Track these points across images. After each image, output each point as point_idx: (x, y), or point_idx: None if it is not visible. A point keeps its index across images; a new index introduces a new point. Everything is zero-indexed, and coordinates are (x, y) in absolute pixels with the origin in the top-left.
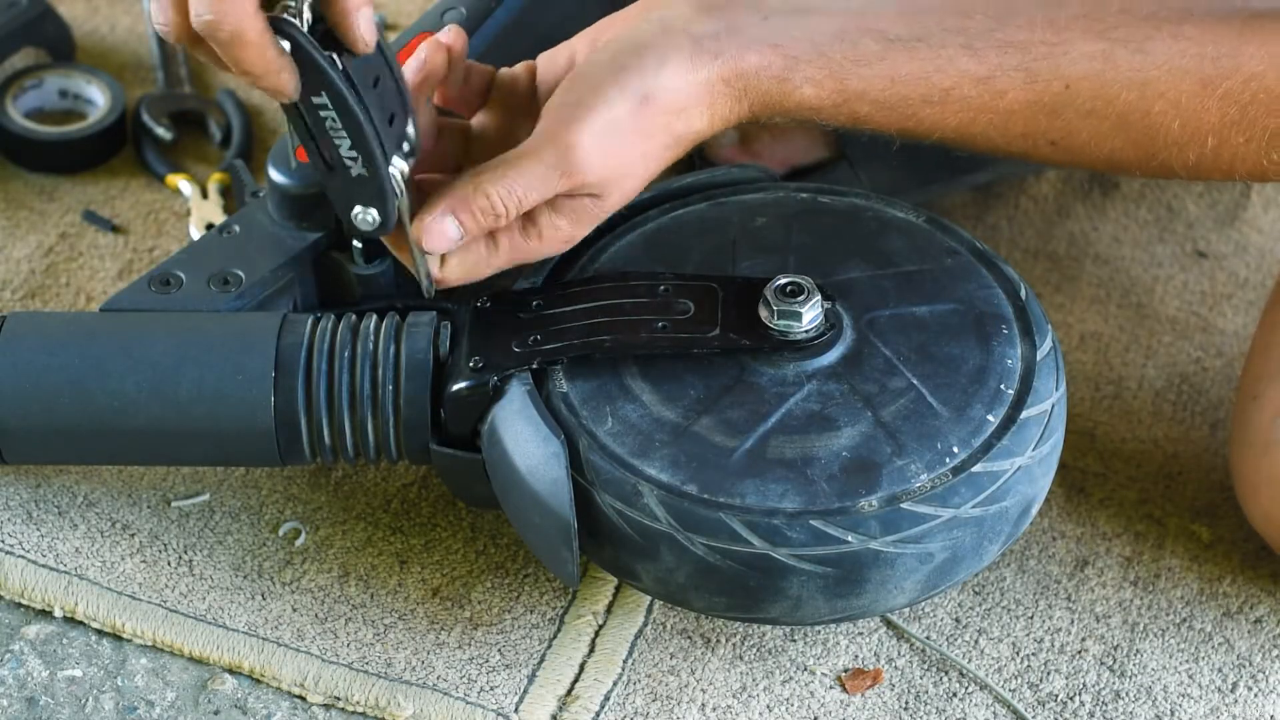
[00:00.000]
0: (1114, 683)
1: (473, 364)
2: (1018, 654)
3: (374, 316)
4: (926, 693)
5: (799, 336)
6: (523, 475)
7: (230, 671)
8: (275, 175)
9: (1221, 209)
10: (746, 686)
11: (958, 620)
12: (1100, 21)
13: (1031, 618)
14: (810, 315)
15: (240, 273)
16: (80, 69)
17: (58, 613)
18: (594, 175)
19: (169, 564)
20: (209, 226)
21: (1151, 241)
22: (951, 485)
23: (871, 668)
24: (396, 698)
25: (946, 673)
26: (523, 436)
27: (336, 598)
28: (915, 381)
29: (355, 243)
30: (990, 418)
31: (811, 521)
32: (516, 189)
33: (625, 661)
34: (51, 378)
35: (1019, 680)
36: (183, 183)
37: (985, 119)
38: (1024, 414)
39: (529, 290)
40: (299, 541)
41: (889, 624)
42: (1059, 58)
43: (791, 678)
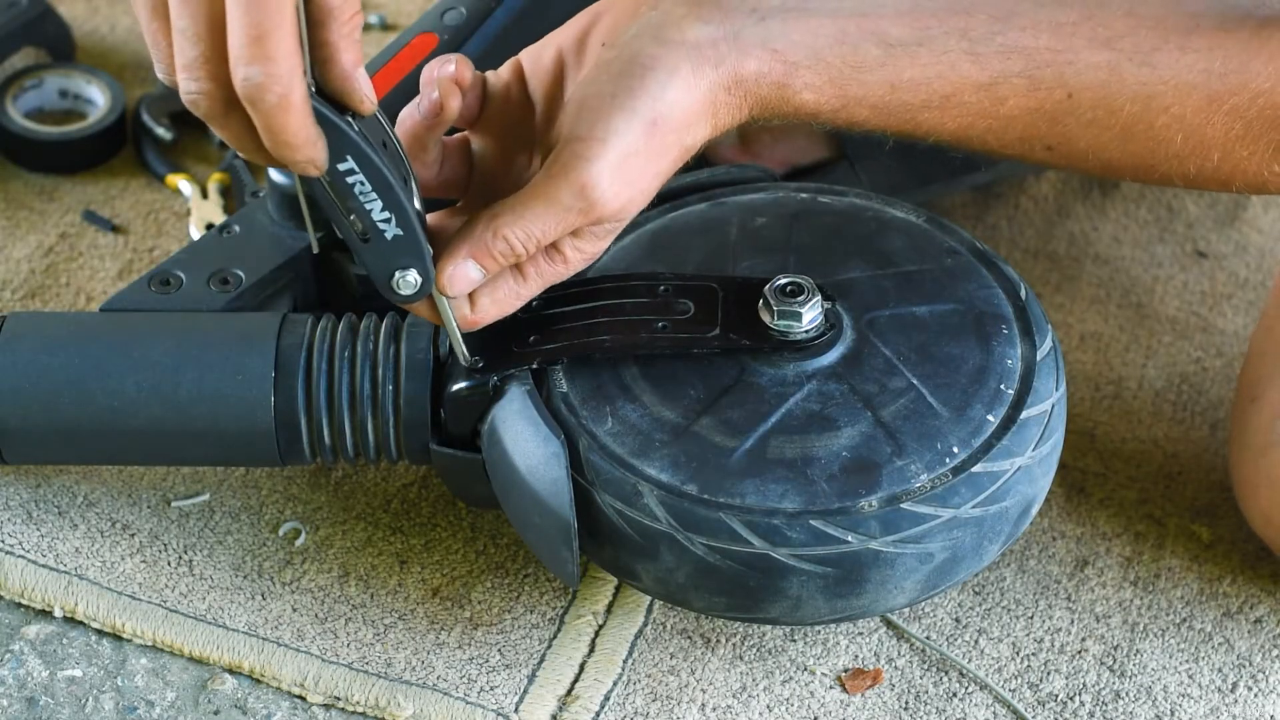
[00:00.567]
0: (1114, 683)
1: (473, 364)
2: (1018, 654)
3: (374, 316)
4: (926, 693)
5: (799, 336)
6: (523, 475)
7: (230, 671)
8: (275, 175)
9: (1221, 209)
10: (746, 686)
11: (958, 620)
12: (1106, 28)
13: (1031, 618)
14: (810, 315)
15: (240, 273)
16: (80, 69)
17: (58, 613)
18: (612, 208)
19: (169, 564)
20: (209, 226)
21: (1151, 241)
22: (951, 485)
23: (871, 668)
24: (396, 698)
25: (946, 673)
26: (523, 436)
27: (336, 598)
28: (915, 381)
29: None
30: (990, 418)
31: (811, 521)
32: (534, 231)
33: (625, 661)
34: (51, 378)
35: (1019, 680)
36: (183, 183)
37: (984, 124)
38: (1024, 414)
39: None
40: (299, 541)
41: (889, 624)
42: (1063, 66)
43: (791, 678)
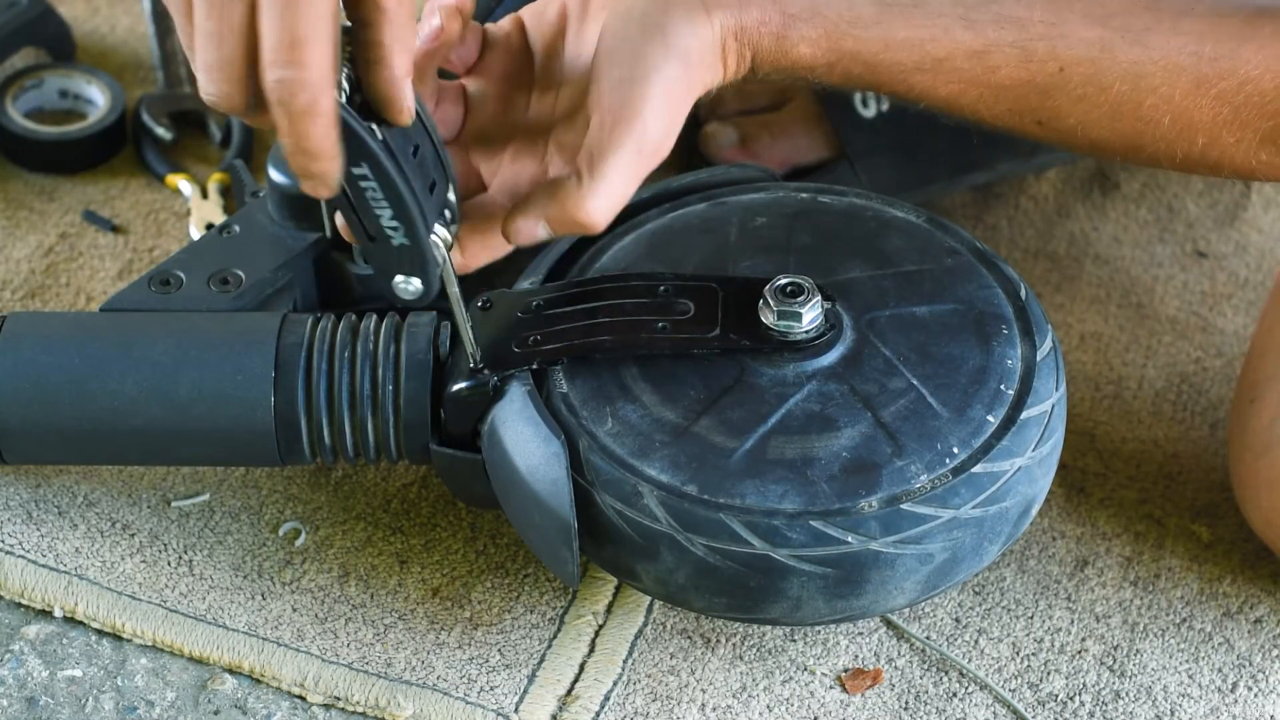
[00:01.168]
0: (1114, 683)
1: (473, 364)
2: (1018, 654)
3: (374, 316)
4: (926, 693)
5: (799, 337)
6: (523, 475)
7: (230, 671)
8: (275, 175)
9: (1221, 209)
10: (746, 686)
11: (958, 620)
12: (1101, 6)
13: (1031, 618)
14: (810, 316)
15: (240, 273)
16: (80, 69)
17: (58, 613)
18: (666, 148)
19: (169, 564)
20: (209, 226)
21: (1151, 241)
22: (951, 486)
23: (871, 668)
24: (396, 698)
25: (946, 673)
26: (523, 437)
27: (336, 598)
28: (915, 382)
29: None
30: (990, 418)
31: (811, 522)
32: (617, 193)
33: (625, 661)
34: (51, 378)
35: (1019, 680)
36: (183, 183)
37: (976, 92)
38: (1024, 414)
39: (529, 290)
40: (299, 541)
41: (889, 624)
42: (1056, 40)
43: (791, 678)
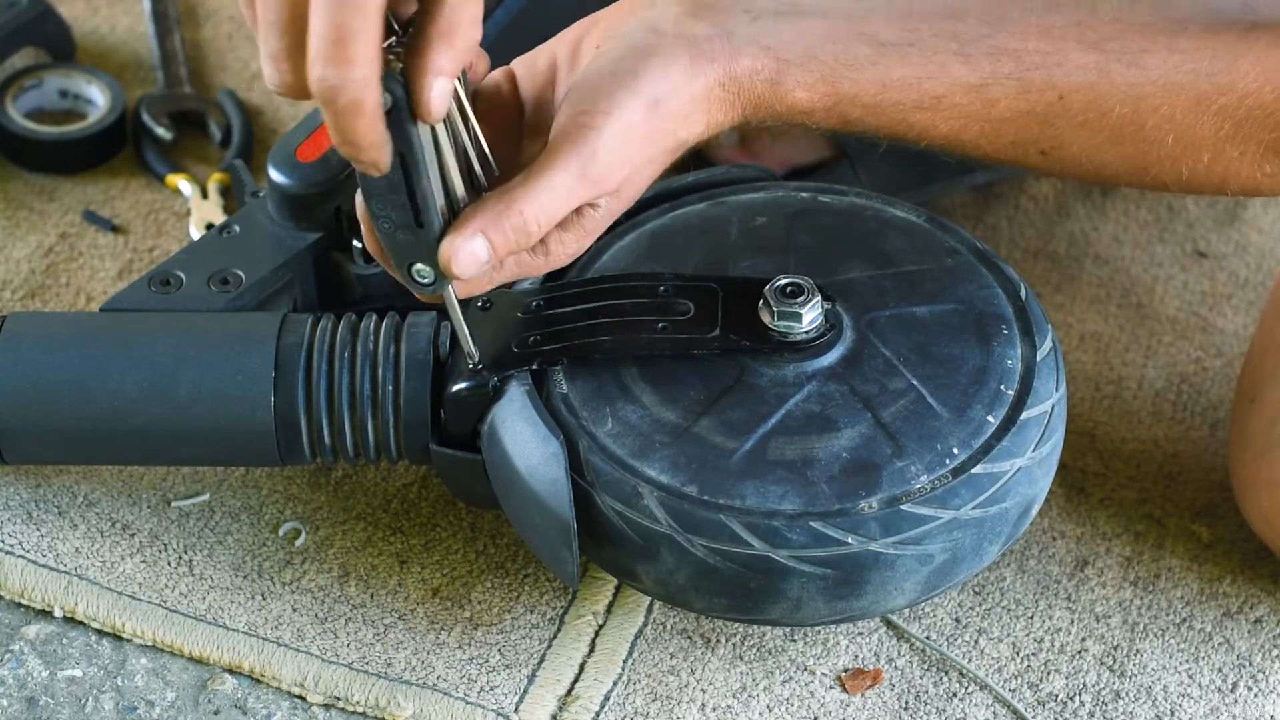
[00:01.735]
0: (1114, 683)
1: (472, 364)
2: (1018, 654)
3: (374, 316)
4: (926, 693)
5: (799, 337)
6: (522, 476)
7: (230, 671)
8: (275, 175)
9: (1221, 209)
10: (746, 686)
11: (958, 620)
12: (1095, 31)
13: (1031, 618)
14: (810, 316)
15: (240, 273)
16: (80, 69)
17: (58, 613)
18: (614, 181)
19: (169, 564)
20: (209, 226)
21: (1151, 241)
22: (951, 486)
23: (871, 668)
24: (396, 698)
25: (946, 673)
26: (522, 437)
27: (336, 598)
28: (915, 382)
29: (355, 243)
30: (990, 418)
31: (811, 523)
32: (547, 203)
33: (625, 661)
34: (51, 378)
35: (1019, 680)
36: (183, 183)
37: (976, 127)
38: (1024, 415)
39: (529, 290)
40: (299, 541)
41: (889, 624)
42: (1052, 68)
43: (791, 678)
